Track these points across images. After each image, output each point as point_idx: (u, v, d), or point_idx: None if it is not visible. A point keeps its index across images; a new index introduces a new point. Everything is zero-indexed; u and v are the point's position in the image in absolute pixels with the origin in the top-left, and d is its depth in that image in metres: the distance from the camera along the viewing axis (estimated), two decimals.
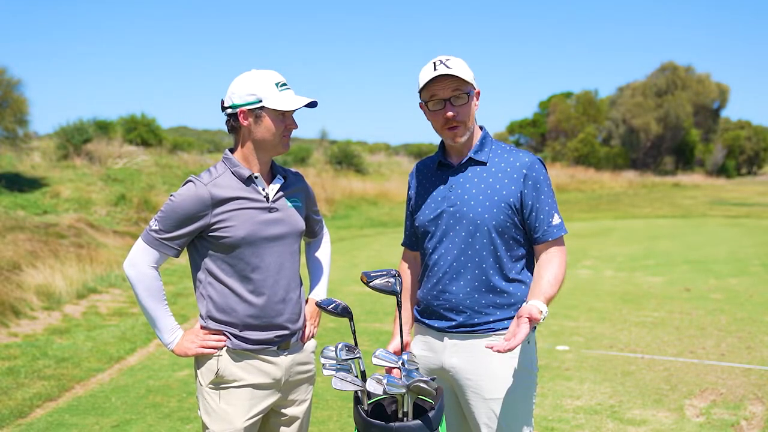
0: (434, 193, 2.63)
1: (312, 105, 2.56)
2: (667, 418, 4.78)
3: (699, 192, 35.04)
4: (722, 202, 27.77)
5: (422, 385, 2.27)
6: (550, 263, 2.51)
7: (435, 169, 2.68)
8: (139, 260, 2.50)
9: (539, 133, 54.61)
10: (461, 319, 2.55)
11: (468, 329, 2.55)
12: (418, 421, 2.26)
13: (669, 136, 50.19)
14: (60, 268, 9.51)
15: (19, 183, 17.05)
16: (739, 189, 37.88)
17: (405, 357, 2.43)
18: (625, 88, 53.10)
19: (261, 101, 2.47)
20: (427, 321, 2.66)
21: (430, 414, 2.30)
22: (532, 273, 2.61)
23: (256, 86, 2.47)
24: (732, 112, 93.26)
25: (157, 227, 2.49)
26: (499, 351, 2.22)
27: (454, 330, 2.57)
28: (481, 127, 2.66)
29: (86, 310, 8.31)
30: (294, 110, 2.53)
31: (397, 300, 2.58)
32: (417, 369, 2.43)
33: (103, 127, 24.26)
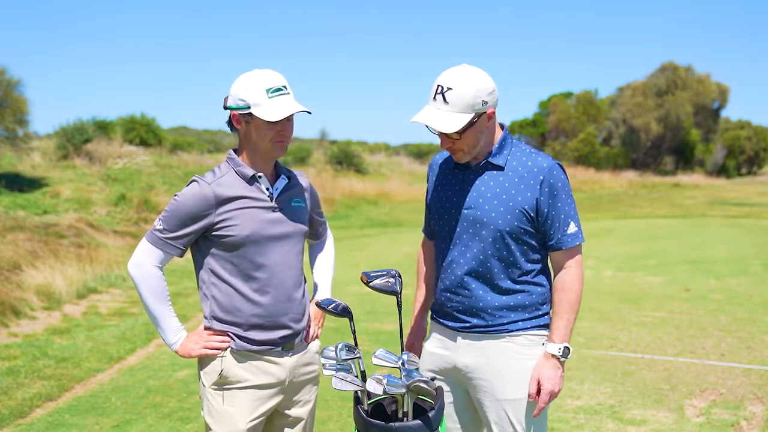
0: (450, 194, 2.61)
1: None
2: (667, 418, 4.79)
3: (699, 192, 35.02)
4: (722, 202, 27.76)
5: (422, 385, 2.27)
6: (563, 287, 2.53)
7: (452, 167, 2.63)
8: (144, 260, 2.50)
9: (539, 133, 54.56)
10: (475, 321, 2.55)
11: (482, 330, 2.55)
12: (418, 421, 2.26)
13: (669, 136, 50.13)
14: (60, 268, 9.51)
15: (19, 183, 17.06)
16: (739, 189, 37.86)
17: (405, 357, 2.43)
18: (625, 88, 53.04)
19: (249, 108, 2.44)
20: (441, 320, 2.67)
21: (430, 414, 2.30)
22: (547, 276, 2.61)
23: (247, 91, 2.44)
24: (732, 112, 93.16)
25: (161, 227, 2.49)
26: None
27: (468, 330, 2.57)
28: (501, 126, 2.58)
29: (86, 310, 8.31)
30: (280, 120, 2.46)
31: (397, 300, 2.57)
32: (417, 369, 2.42)
33: (103, 127, 24.30)
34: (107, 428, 4.70)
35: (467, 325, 2.56)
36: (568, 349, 2.49)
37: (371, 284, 2.57)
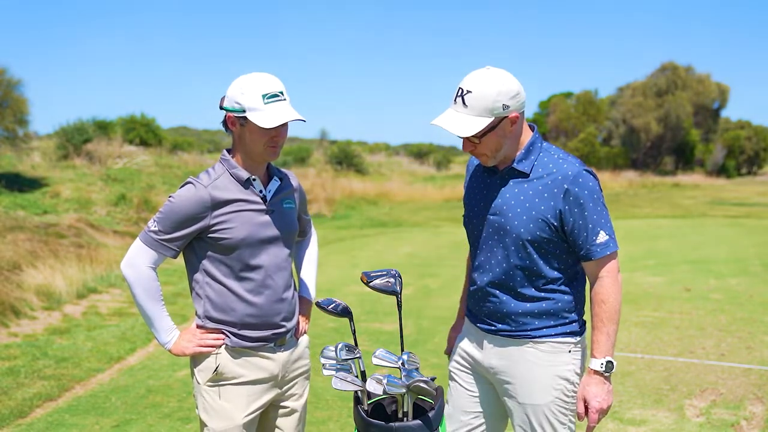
0: (478, 198, 2.60)
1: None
2: (667, 418, 4.79)
3: (699, 192, 34.99)
4: (722, 202, 27.74)
5: (422, 385, 2.27)
6: (597, 299, 2.45)
7: (482, 171, 2.62)
8: (137, 260, 2.51)
9: (539, 133, 54.57)
10: (501, 326, 2.55)
11: (507, 334, 2.55)
12: (418, 421, 2.27)
13: (669, 136, 50.11)
14: (60, 268, 9.50)
15: (19, 183, 17.06)
16: (739, 189, 37.82)
17: (405, 357, 2.43)
18: (625, 88, 53.03)
19: (245, 112, 2.44)
20: (472, 321, 2.69)
21: (430, 414, 2.31)
22: (578, 284, 2.57)
23: (243, 95, 2.43)
24: (732, 112, 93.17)
25: (156, 228, 2.49)
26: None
27: (494, 333, 2.58)
28: (531, 127, 2.53)
29: (86, 310, 8.30)
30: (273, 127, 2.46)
31: (397, 300, 2.57)
32: (417, 369, 2.42)
33: (103, 127, 24.32)
34: (107, 428, 4.70)
35: (493, 328, 2.57)
36: (612, 363, 2.42)
37: (371, 284, 2.58)
